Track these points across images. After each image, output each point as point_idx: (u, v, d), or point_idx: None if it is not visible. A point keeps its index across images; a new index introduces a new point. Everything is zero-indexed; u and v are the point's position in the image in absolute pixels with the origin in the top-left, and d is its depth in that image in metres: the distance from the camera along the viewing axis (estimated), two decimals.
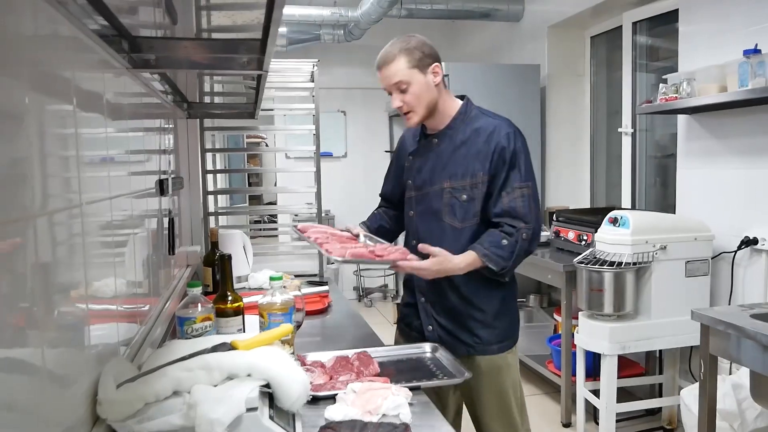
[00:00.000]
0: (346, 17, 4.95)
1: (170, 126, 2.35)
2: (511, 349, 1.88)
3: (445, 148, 1.83)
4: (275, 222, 6.80)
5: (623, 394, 3.08)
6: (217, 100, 3.07)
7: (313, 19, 5.00)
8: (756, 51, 2.38)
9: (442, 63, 1.86)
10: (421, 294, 1.89)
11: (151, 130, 1.83)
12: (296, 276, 2.85)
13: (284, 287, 1.54)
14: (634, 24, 3.78)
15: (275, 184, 6.90)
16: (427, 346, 1.73)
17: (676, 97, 2.77)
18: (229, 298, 1.50)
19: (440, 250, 1.69)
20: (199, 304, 1.40)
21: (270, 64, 1.38)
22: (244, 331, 1.51)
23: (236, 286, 2.63)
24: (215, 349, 1.19)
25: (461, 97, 1.89)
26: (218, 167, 5.84)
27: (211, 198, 3.11)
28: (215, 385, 1.06)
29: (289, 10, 4.95)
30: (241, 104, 2.69)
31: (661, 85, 2.90)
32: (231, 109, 2.86)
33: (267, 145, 8.15)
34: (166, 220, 1.97)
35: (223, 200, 5.84)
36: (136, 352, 1.37)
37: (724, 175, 2.84)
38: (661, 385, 3.14)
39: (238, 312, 1.49)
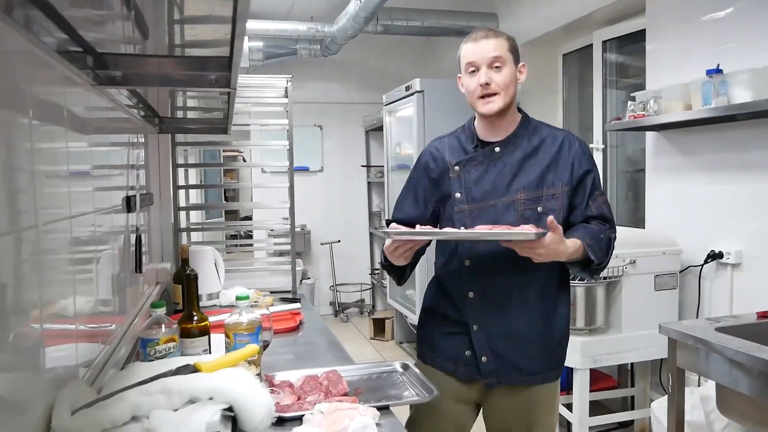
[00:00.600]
0: (322, 32, 4.96)
1: (140, 141, 2.33)
2: (558, 380, 1.81)
3: (511, 157, 1.68)
4: (251, 237, 6.75)
5: (596, 407, 3.10)
6: (191, 114, 3.06)
7: (290, 34, 5.01)
8: (718, 71, 2.43)
9: (421, 79, 1.84)
10: (475, 320, 1.70)
11: (117, 145, 1.81)
12: (272, 292, 2.84)
13: (252, 306, 1.52)
14: (604, 42, 3.85)
15: (251, 199, 6.86)
16: (397, 364, 1.72)
17: (643, 114, 2.82)
18: (195, 317, 1.48)
19: (558, 226, 1.52)
20: (163, 325, 1.38)
21: (237, 81, 1.38)
22: (210, 352, 1.49)
23: (207, 303, 2.61)
24: (178, 371, 1.18)
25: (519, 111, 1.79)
26: (194, 182, 5.81)
27: (185, 213, 3.08)
28: (175, 410, 1.04)
29: (264, 25, 4.96)
30: (214, 119, 2.68)
31: (629, 102, 2.96)
32: (204, 124, 2.84)
33: (244, 160, 8.12)
34: (133, 237, 1.95)
35: (199, 216, 5.79)
36: (98, 374, 1.34)
37: (690, 190, 2.89)
38: (633, 397, 3.17)
39: (204, 332, 1.48)
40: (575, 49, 4.25)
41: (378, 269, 6.27)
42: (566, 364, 2.76)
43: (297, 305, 2.41)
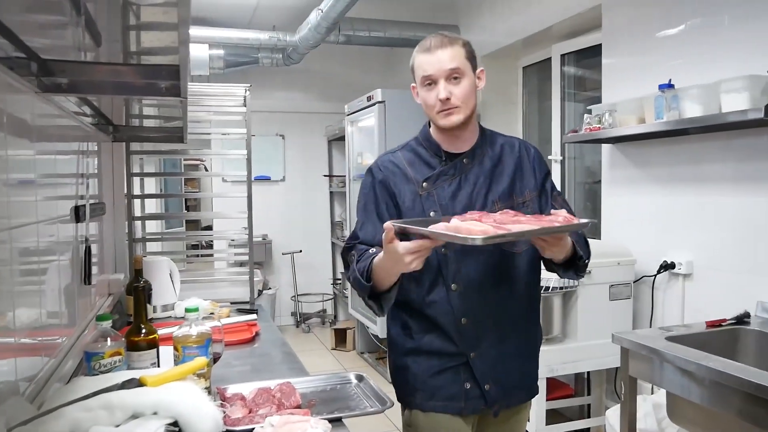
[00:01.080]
0: (284, 42, 4.94)
1: (92, 150, 2.27)
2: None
3: (482, 168, 1.61)
4: (212, 247, 6.66)
5: (554, 416, 3.13)
6: (151, 123, 3.00)
7: (251, 43, 4.98)
8: (670, 86, 2.50)
9: (382, 89, 1.75)
10: (472, 348, 1.56)
11: (65, 153, 1.76)
12: (232, 303, 2.80)
13: (205, 318, 1.50)
14: (563, 56, 3.92)
15: (211, 209, 6.77)
16: (352, 375, 1.71)
17: (599, 127, 2.88)
18: (143, 330, 1.44)
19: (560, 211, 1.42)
20: (109, 338, 1.34)
21: (189, 90, 1.36)
22: (158, 366, 1.45)
23: (162, 315, 2.56)
24: (123, 386, 1.14)
25: None
26: (154, 191, 5.70)
27: (141, 223, 3.02)
28: (118, 425, 1.01)
29: (225, 33, 4.93)
30: (171, 128, 2.63)
31: (585, 115, 3.01)
32: (161, 132, 2.79)
33: (206, 169, 8.01)
34: (82, 248, 1.89)
35: (159, 226, 5.68)
36: (40, 389, 1.30)
37: (644, 201, 2.96)
38: (589, 405, 3.21)
39: (153, 345, 1.44)
40: (535, 62, 4.33)
41: (340, 279, 6.25)
42: None
43: (253, 316, 2.38)
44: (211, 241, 6.36)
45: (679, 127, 2.45)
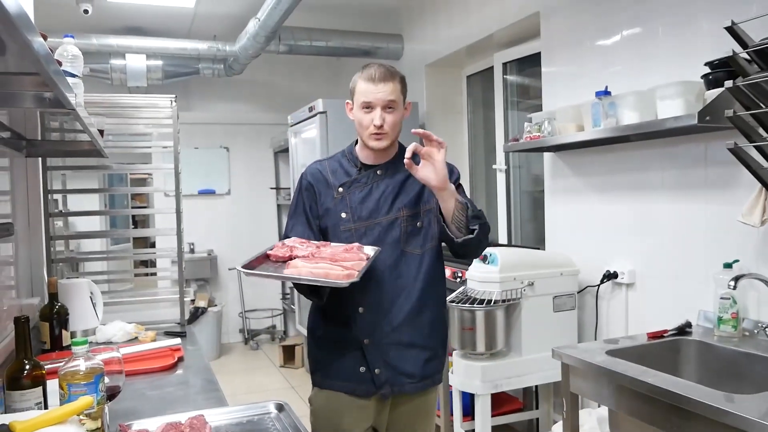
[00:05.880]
0: (224, 51, 4.81)
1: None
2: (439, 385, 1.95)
3: (393, 179, 1.84)
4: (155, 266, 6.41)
5: (504, 430, 3.05)
6: (75, 137, 2.81)
7: (189, 53, 4.82)
8: (606, 93, 2.47)
9: (323, 100, 1.85)
10: (366, 335, 1.78)
11: None
12: (165, 325, 2.65)
13: (129, 341, 1.35)
14: (505, 64, 3.89)
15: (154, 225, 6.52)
16: (271, 405, 1.59)
17: (539, 135, 2.83)
18: (27, 366, 1.29)
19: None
20: None
21: (70, 102, 1.23)
22: (45, 406, 1.30)
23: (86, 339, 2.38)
24: None
25: None
26: (99, 208, 5.45)
27: (89, 242, 2.83)
28: None
29: (163, 43, 4.77)
30: (89, 142, 2.47)
31: (525, 123, 2.97)
32: (78, 147, 2.61)
33: (153, 183, 7.75)
34: None
35: (103, 244, 5.41)
36: None
37: (585, 210, 2.92)
38: (538, 420, 3.14)
39: (38, 382, 1.29)
40: (479, 70, 4.29)
41: (289, 293, 6.09)
42: (466, 390, 2.73)
43: (176, 341, 2.23)
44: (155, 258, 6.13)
45: (617, 134, 2.41)
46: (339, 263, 1.61)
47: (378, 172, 1.84)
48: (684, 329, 2.16)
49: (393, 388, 1.81)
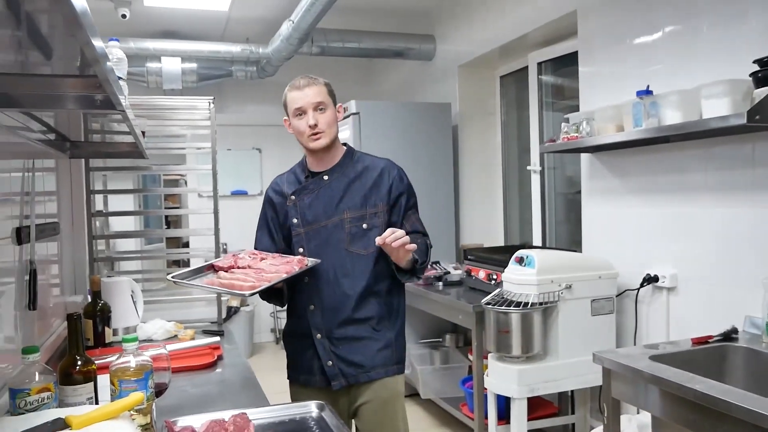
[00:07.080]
0: (257, 54, 4.84)
1: (43, 167, 2.14)
2: (403, 374, 2.03)
3: (338, 184, 1.97)
4: (188, 266, 6.49)
5: None
6: (120, 138, 2.86)
7: (223, 56, 4.87)
8: (648, 92, 2.42)
9: (356, 101, 1.94)
10: (317, 330, 1.95)
11: (3, 171, 1.64)
12: (203, 324, 2.68)
13: (168, 339, 1.37)
14: (539, 64, 3.85)
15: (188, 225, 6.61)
16: (313, 405, 1.59)
17: (576, 136, 2.79)
18: (79, 362, 1.31)
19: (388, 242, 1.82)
20: (37, 373, 1.21)
21: (122, 103, 1.25)
22: (96, 401, 1.32)
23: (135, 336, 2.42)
24: (45, 427, 1.02)
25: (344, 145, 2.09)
26: (132, 209, 5.54)
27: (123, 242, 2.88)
28: None
29: (197, 46, 4.82)
30: (130, 143, 2.51)
31: (562, 124, 2.93)
32: (124, 148, 2.65)
33: (186, 184, 7.85)
34: (27, 271, 1.76)
35: (137, 244, 5.50)
36: None
37: (624, 213, 2.87)
38: (574, 425, 3.10)
39: (89, 378, 1.31)
40: (512, 71, 4.25)
41: None
42: (502, 393, 2.70)
43: (216, 339, 2.25)
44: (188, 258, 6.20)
45: (659, 134, 2.37)
46: (261, 273, 1.84)
47: (325, 177, 1.98)
48: (730, 335, 2.11)
49: (347, 379, 1.94)
